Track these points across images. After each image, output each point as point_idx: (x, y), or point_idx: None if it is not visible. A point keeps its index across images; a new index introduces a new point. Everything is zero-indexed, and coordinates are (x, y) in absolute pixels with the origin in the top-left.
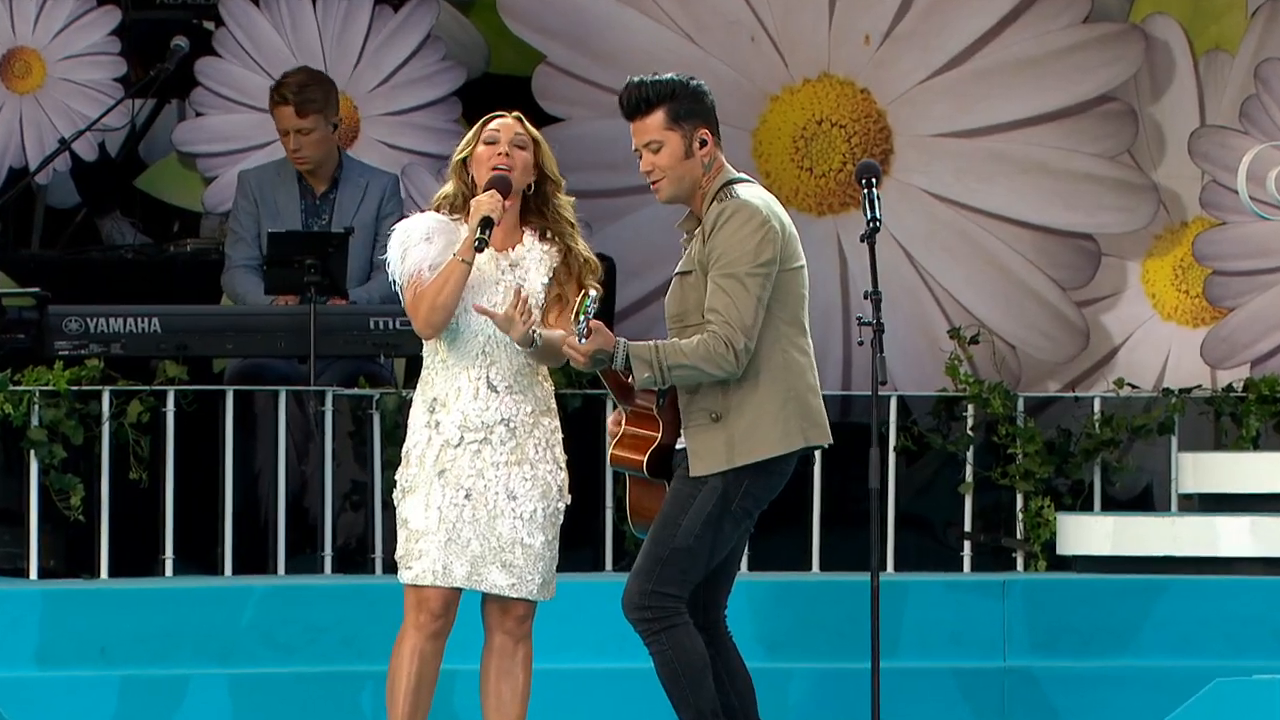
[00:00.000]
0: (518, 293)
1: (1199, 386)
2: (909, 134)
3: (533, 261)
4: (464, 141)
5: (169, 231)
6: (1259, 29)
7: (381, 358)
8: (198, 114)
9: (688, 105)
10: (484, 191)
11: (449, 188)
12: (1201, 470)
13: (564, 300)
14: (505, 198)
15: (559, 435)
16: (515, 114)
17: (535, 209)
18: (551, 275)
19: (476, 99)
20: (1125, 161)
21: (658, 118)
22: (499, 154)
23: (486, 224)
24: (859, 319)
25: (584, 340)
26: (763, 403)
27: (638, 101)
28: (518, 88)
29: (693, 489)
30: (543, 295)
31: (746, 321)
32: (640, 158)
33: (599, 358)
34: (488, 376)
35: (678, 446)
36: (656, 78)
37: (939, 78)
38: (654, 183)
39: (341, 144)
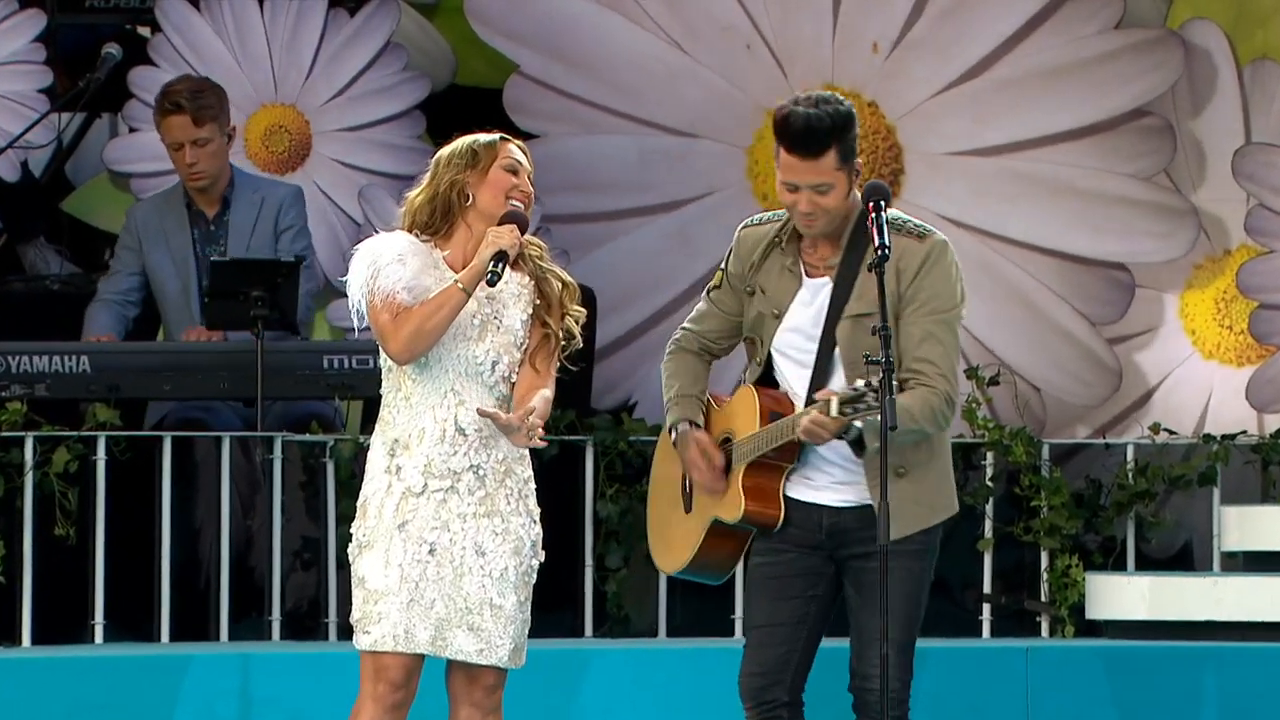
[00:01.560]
0: (524, 407)
1: (1244, 432)
2: (921, 151)
3: (510, 295)
4: (461, 155)
5: (99, 260)
6: None
7: (336, 400)
8: (131, 129)
9: (852, 138)
10: (503, 221)
11: (422, 196)
12: (1247, 525)
13: (552, 339)
14: (521, 228)
15: (532, 485)
16: (519, 142)
17: None
18: (532, 309)
19: (442, 113)
20: (1162, 183)
21: (831, 158)
22: (520, 190)
23: (502, 258)
24: (866, 357)
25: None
26: (941, 454)
27: (812, 139)
28: (487, 101)
29: (917, 560)
30: (521, 333)
31: (956, 371)
32: (793, 191)
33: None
34: (456, 418)
35: (833, 504)
36: (829, 108)
37: (955, 89)
38: (809, 219)
39: (293, 162)
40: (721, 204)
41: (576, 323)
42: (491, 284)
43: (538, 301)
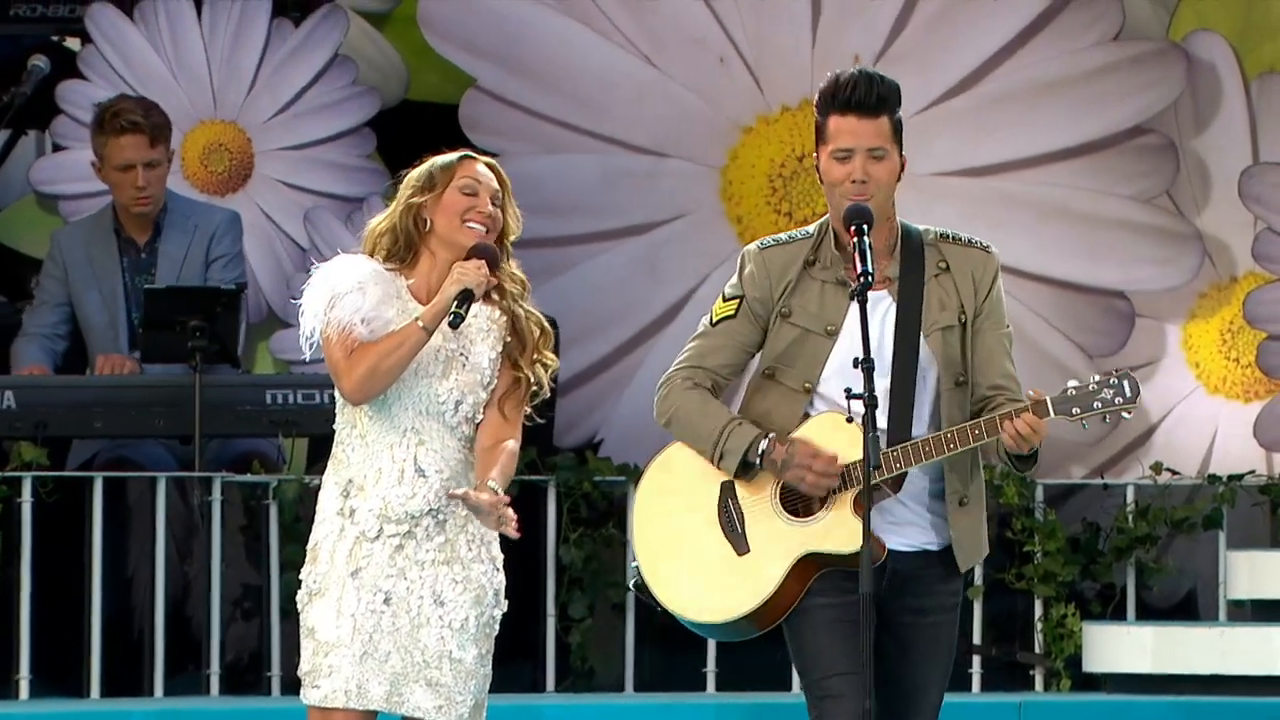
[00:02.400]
0: (495, 495)
1: (1252, 472)
2: (906, 172)
3: (478, 330)
4: (419, 178)
5: (25, 288)
6: None
7: (280, 437)
8: (59, 147)
9: (901, 120)
10: (468, 259)
11: (383, 224)
12: (1256, 572)
13: (523, 383)
14: (491, 265)
15: (496, 537)
16: (491, 160)
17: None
18: (502, 348)
19: (393, 130)
20: (1163, 205)
21: (886, 123)
22: (479, 211)
23: (466, 297)
24: (848, 391)
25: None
26: (982, 482)
27: (871, 93)
28: (442, 117)
29: (956, 611)
30: (489, 372)
31: None
32: (844, 160)
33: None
34: (416, 458)
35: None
36: (885, 75)
37: (942, 105)
38: (862, 190)
39: (233, 183)
40: (692, 228)
41: (548, 370)
42: (453, 325)
43: (509, 339)
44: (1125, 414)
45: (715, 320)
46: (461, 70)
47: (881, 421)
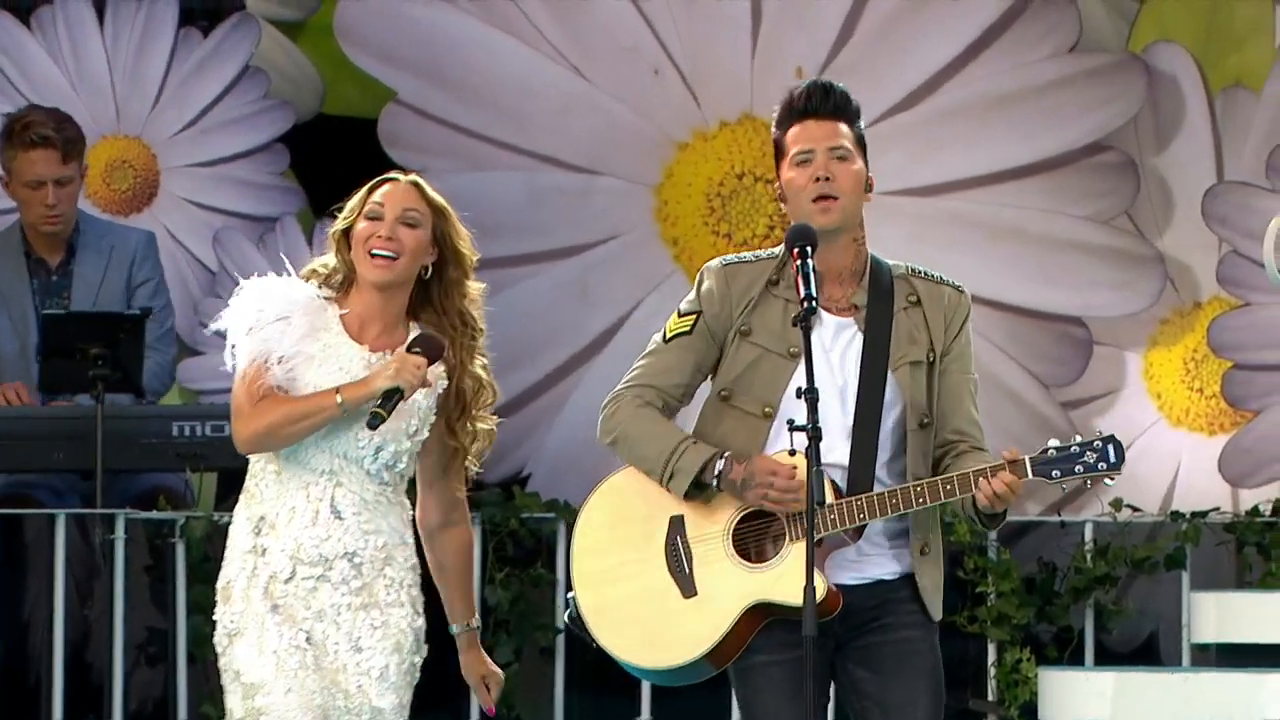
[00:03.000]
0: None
1: (1216, 509)
2: None
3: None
4: (348, 208)
5: None
6: None
7: (187, 472)
8: None
9: (862, 134)
10: (412, 347)
11: (328, 259)
12: (1221, 614)
13: (460, 453)
14: (433, 362)
15: (417, 573)
16: (412, 177)
17: (430, 299)
18: (455, 398)
19: (308, 146)
20: (1123, 226)
21: (847, 129)
22: (379, 236)
23: (394, 396)
24: (790, 423)
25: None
26: (940, 531)
27: (828, 101)
28: (360, 132)
29: (922, 618)
30: (418, 422)
31: None
32: (805, 162)
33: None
34: (333, 499)
35: (844, 582)
36: (836, 84)
37: (889, 120)
38: (827, 198)
39: (137, 202)
40: (625, 249)
41: (487, 438)
42: (370, 426)
43: (447, 396)
44: (1108, 481)
45: (669, 336)
46: (380, 83)
47: (842, 456)
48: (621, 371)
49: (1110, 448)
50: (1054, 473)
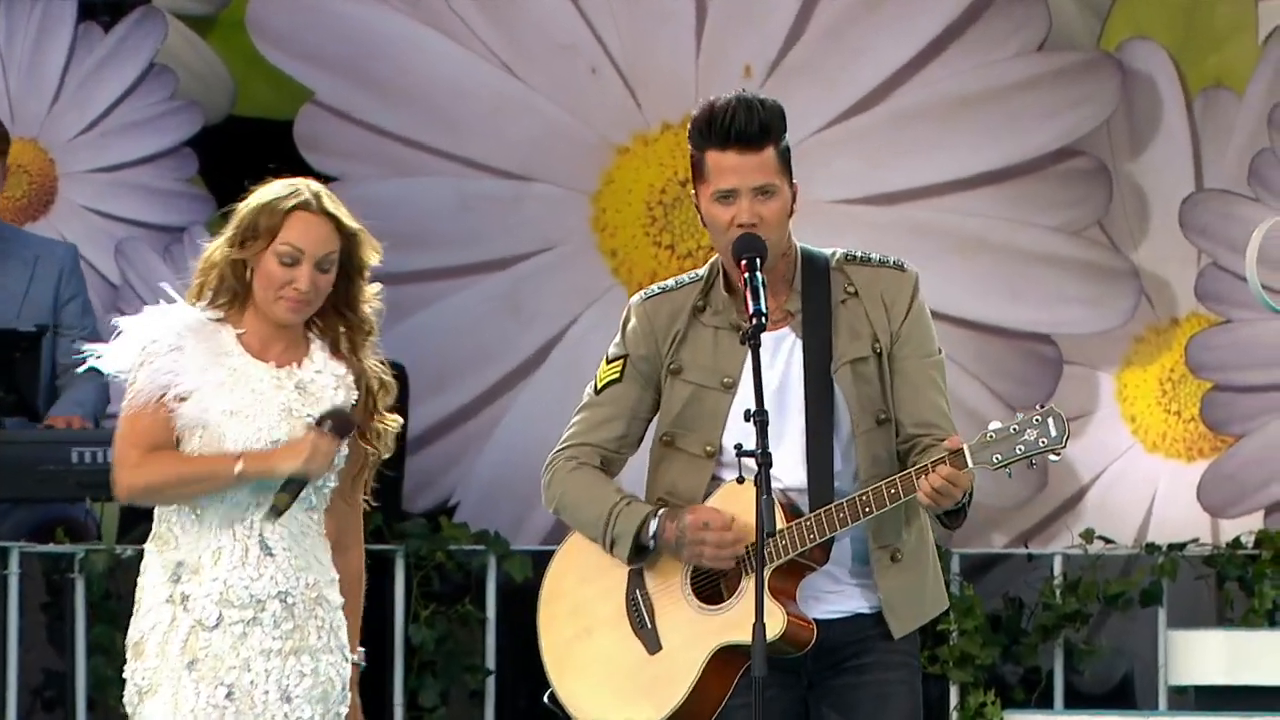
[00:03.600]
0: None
1: (1195, 541)
2: (804, 199)
3: (325, 387)
4: (245, 224)
5: None
6: (1275, 59)
7: (88, 502)
8: None
9: (787, 146)
10: (323, 423)
11: (215, 255)
12: (1199, 655)
13: (367, 458)
14: (344, 439)
15: (345, 622)
16: (327, 204)
17: (331, 307)
18: (363, 401)
19: (218, 150)
20: (1095, 237)
21: (772, 155)
22: (295, 289)
23: (298, 486)
24: (738, 448)
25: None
26: (931, 539)
27: (754, 124)
28: (275, 135)
29: (913, 674)
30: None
31: None
32: (727, 201)
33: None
34: (262, 534)
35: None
36: (762, 98)
37: (844, 124)
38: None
39: (33, 210)
40: (560, 261)
41: (388, 440)
42: (271, 515)
43: (361, 398)
44: (1053, 456)
45: (599, 387)
46: (297, 82)
47: (800, 478)
48: (556, 392)
49: (1050, 421)
50: (994, 457)
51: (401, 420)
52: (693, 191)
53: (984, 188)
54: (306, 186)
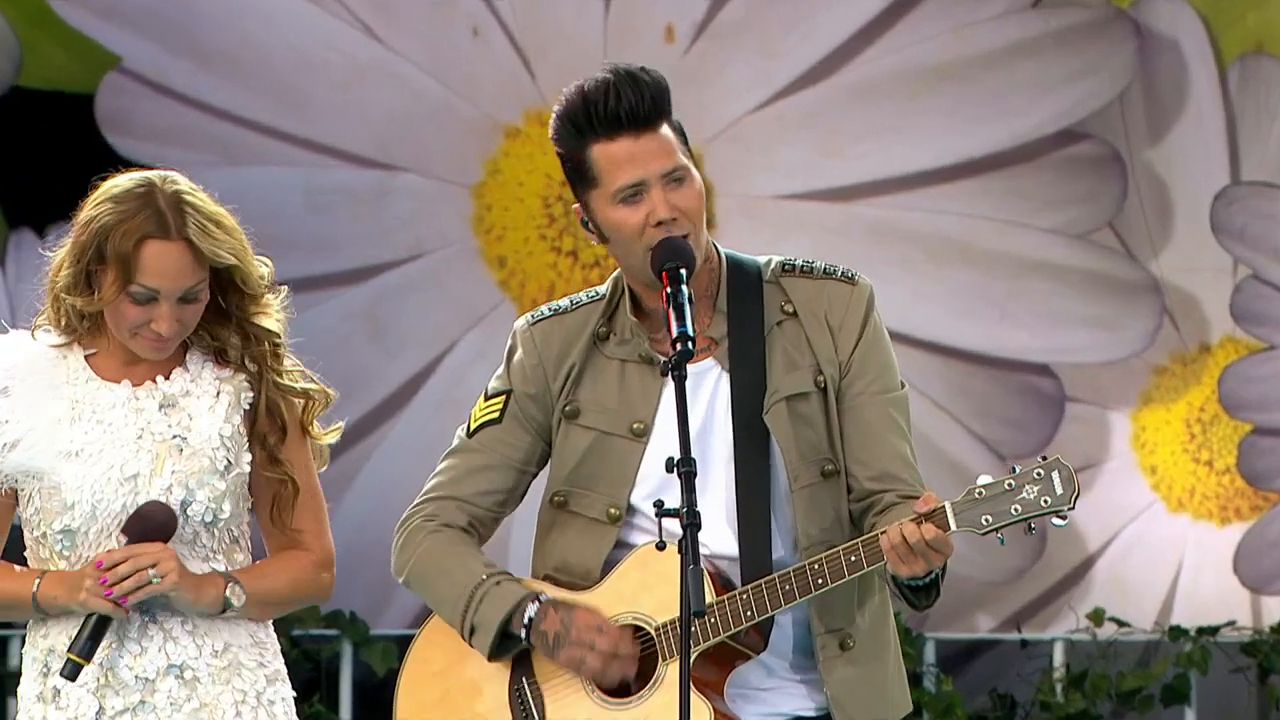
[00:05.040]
0: None
1: (1231, 624)
2: (738, 194)
3: (202, 399)
4: (82, 251)
5: None
6: None
7: None
8: None
9: (682, 127)
10: (128, 528)
11: (63, 275)
12: None
13: (289, 485)
14: (166, 540)
15: (283, 689)
16: (184, 208)
17: (207, 320)
18: (266, 420)
19: (2, 129)
20: (1105, 242)
21: (669, 131)
22: (153, 331)
23: (100, 630)
24: (658, 505)
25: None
26: (891, 622)
27: (644, 98)
28: (71, 111)
29: None
30: (225, 453)
31: None
32: (636, 198)
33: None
34: (147, 597)
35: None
36: (644, 67)
37: (789, 100)
38: (683, 236)
39: None
40: (435, 272)
41: (321, 453)
42: (66, 673)
43: (260, 413)
44: (1058, 519)
45: (473, 428)
46: (100, 45)
47: (729, 544)
48: (429, 437)
49: (1055, 475)
50: (984, 519)
51: (338, 433)
52: (575, 207)
53: (964, 180)
54: (161, 194)
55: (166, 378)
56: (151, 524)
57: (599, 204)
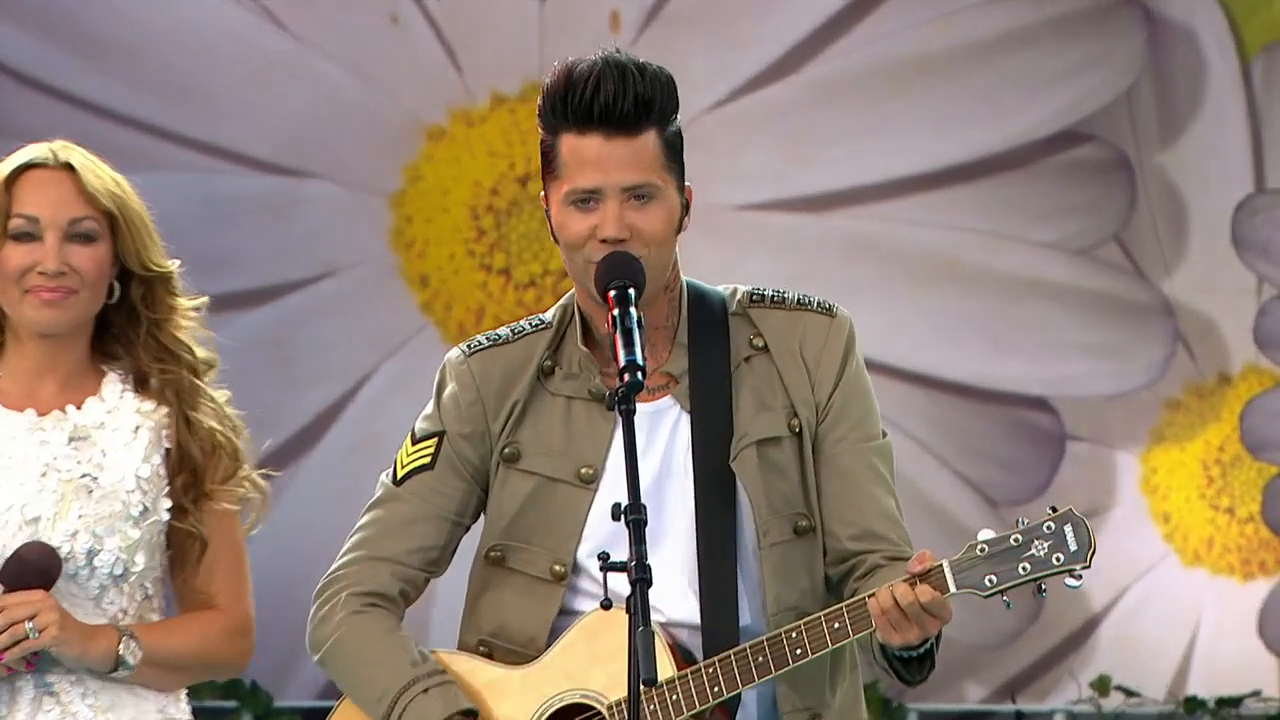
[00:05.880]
0: None
1: (1256, 694)
2: (699, 203)
3: (118, 434)
4: None
5: None
6: None
7: None
8: None
9: (679, 132)
10: (3, 574)
11: None
12: None
13: (196, 541)
14: (47, 587)
15: None
16: (63, 154)
17: (121, 331)
18: (177, 463)
19: None
20: (1111, 259)
21: (653, 143)
22: (42, 273)
23: None
24: (603, 557)
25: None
26: (862, 699)
27: (627, 96)
28: None
29: None
30: (141, 497)
31: None
32: (587, 206)
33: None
34: (41, 667)
35: None
36: (649, 64)
37: (751, 97)
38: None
39: None
40: (348, 292)
41: (261, 505)
42: None
43: (183, 446)
44: (1071, 580)
45: (400, 476)
46: None
47: (690, 610)
48: (342, 479)
49: (1068, 529)
50: (988, 579)
51: (268, 481)
52: (542, 193)
53: (950, 188)
54: (48, 145)
55: (78, 407)
56: (30, 568)
57: (555, 198)
